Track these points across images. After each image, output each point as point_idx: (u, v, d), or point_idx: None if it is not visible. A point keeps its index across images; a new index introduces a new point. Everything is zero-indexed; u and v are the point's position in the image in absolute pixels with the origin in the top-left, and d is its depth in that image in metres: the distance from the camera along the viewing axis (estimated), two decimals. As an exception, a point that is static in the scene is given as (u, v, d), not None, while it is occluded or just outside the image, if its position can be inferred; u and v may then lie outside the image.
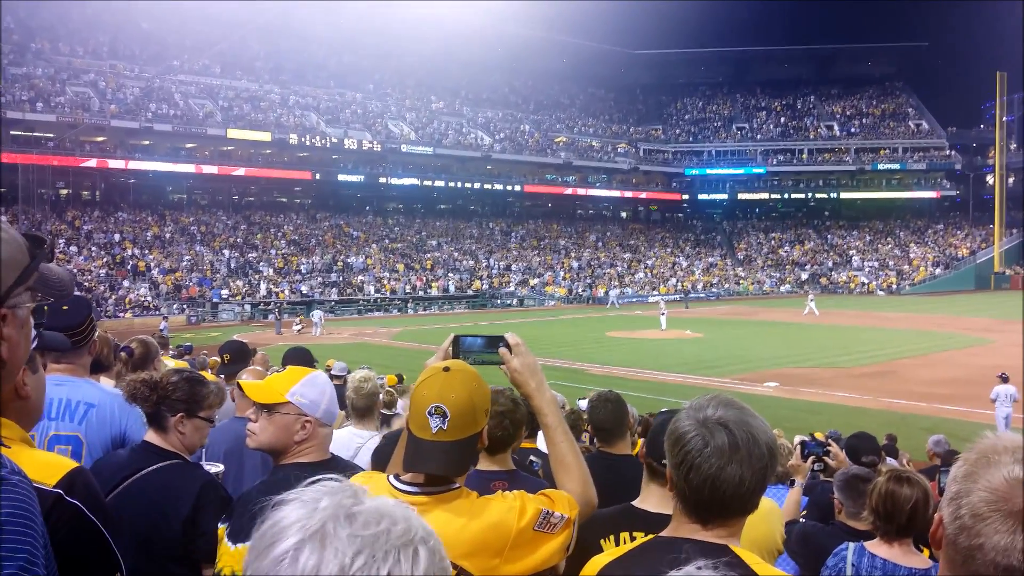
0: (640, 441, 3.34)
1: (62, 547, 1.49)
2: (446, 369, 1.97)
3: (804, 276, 65.31)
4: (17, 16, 50.81)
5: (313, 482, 0.91)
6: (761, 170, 76.46)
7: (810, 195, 76.03)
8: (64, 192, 50.51)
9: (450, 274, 54.28)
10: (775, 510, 3.29)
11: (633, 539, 2.32)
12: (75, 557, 1.54)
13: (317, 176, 56.67)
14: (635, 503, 2.49)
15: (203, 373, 8.31)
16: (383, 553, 0.82)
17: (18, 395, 1.63)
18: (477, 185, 64.93)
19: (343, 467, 2.60)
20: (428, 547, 0.86)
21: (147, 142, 50.25)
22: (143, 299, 40.74)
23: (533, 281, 56.75)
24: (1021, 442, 1.10)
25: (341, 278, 49.74)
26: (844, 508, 3.65)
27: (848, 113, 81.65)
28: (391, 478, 1.99)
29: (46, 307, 2.44)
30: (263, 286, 45.78)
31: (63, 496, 1.53)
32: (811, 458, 4.36)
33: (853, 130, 78.91)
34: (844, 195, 74.98)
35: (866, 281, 63.63)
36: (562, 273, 59.35)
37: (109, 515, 1.67)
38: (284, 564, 0.81)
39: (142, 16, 57.75)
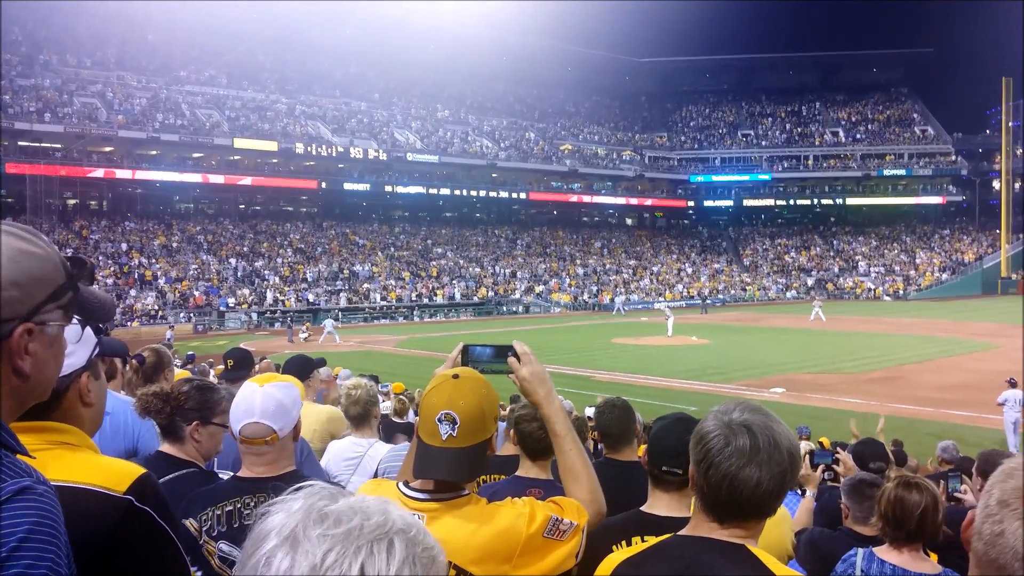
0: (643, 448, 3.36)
1: (133, 554, 1.52)
2: (455, 376, 1.99)
3: (810, 282, 65.18)
4: (25, 28, 51.19)
5: (297, 489, 0.91)
6: (766, 176, 76.39)
7: (816, 201, 75.90)
8: (71, 202, 50.74)
9: (456, 281, 54.32)
10: (786, 517, 3.30)
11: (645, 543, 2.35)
12: (146, 564, 1.55)
13: (323, 185, 56.83)
14: (644, 508, 2.49)
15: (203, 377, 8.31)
16: (355, 548, 0.81)
17: (83, 402, 1.66)
18: (482, 193, 65.02)
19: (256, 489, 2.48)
20: (407, 538, 0.85)
21: (154, 152, 50.46)
22: (150, 308, 40.86)
23: (539, 288, 56.74)
24: None
25: (347, 286, 49.82)
26: (851, 513, 3.64)
27: (853, 119, 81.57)
28: (401, 485, 2.00)
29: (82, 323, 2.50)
30: (269, 294, 45.88)
31: (134, 502, 1.53)
32: (820, 467, 4.35)
33: (858, 136, 78.83)
34: (850, 201, 74.86)
35: (872, 287, 63.47)
36: (568, 280, 59.34)
37: (176, 520, 1.69)
38: (259, 569, 0.83)
39: (149, 27, 58.10)
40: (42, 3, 50.01)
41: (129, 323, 38.28)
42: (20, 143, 44.74)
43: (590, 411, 11.09)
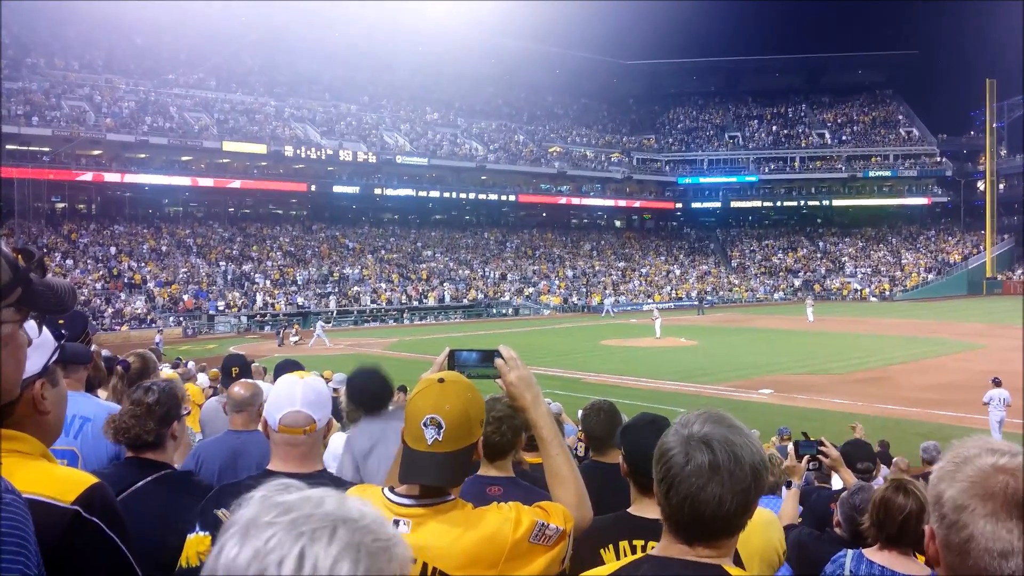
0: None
1: (81, 564, 1.50)
2: (441, 380, 1.98)
3: (797, 283, 65.43)
4: (12, 31, 50.85)
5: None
6: (753, 178, 76.68)
7: (802, 202, 76.17)
8: (60, 206, 50.42)
9: (445, 284, 54.25)
10: (773, 520, 3.28)
11: (632, 548, 2.36)
12: (94, 574, 1.53)
13: (313, 188, 56.66)
14: (631, 511, 2.50)
15: (189, 386, 8.30)
16: (296, 534, 0.82)
17: (36, 409, 1.62)
18: (472, 195, 65.03)
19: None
20: (355, 527, 0.85)
21: (143, 155, 50.22)
22: (139, 312, 40.64)
23: (528, 290, 56.75)
24: (991, 440, 1.14)
25: (337, 289, 49.68)
26: (843, 529, 3.63)
27: (839, 121, 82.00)
28: (386, 490, 2.00)
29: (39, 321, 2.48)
30: (259, 298, 45.70)
31: (80, 513, 1.51)
32: (806, 458, 4.35)
33: (844, 138, 79.24)
34: (836, 202, 75.21)
35: (859, 287, 63.75)
36: (557, 282, 59.37)
37: (128, 531, 1.66)
38: (212, 558, 0.85)
39: (136, 30, 57.83)
40: (29, 6, 49.71)
41: (118, 327, 38.06)
42: (8, 146, 44.37)
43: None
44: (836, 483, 5.58)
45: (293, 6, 59.55)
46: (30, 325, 1.37)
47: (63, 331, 1.74)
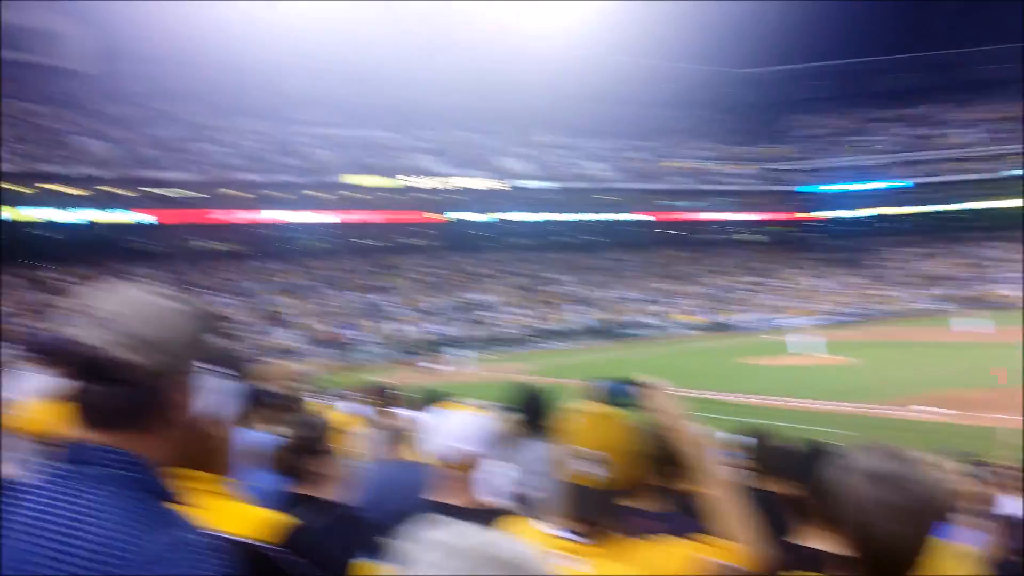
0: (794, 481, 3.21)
1: None
2: (596, 414, 1.98)
3: (946, 292, 61.26)
4: (147, 80, 54.88)
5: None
6: (890, 183, 73.47)
7: (946, 206, 72.08)
8: (201, 246, 53.11)
9: (575, 307, 54.24)
10: (965, 552, 3.04)
11: None
12: None
13: (438, 216, 58.38)
14: (795, 540, 2.43)
15: (337, 415, 8.51)
16: (454, 569, 0.86)
17: (217, 449, 1.65)
18: (595, 216, 65.18)
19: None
20: (514, 569, 0.87)
21: (275, 193, 52.73)
22: (283, 345, 42.63)
23: (659, 310, 55.90)
24: None
25: (469, 315, 50.62)
26: None
27: (980, 119, 76.87)
28: (546, 525, 1.96)
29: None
30: (395, 326, 47.15)
31: (289, 554, 1.52)
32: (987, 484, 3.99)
33: (988, 136, 74.25)
34: (982, 204, 70.78)
35: (1013, 294, 58.86)
36: (689, 300, 58.22)
37: (328, 571, 1.69)
38: None
39: (261, 74, 60.97)
40: (157, 58, 53.88)
41: (265, 360, 40.00)
42: (149, 191, 47.91)
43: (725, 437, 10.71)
44: (1011, 507, 5.14)
45: (401, 38, 62.16)
46: (210, 378, 1.44)
47: (229, 371, 1.80)
